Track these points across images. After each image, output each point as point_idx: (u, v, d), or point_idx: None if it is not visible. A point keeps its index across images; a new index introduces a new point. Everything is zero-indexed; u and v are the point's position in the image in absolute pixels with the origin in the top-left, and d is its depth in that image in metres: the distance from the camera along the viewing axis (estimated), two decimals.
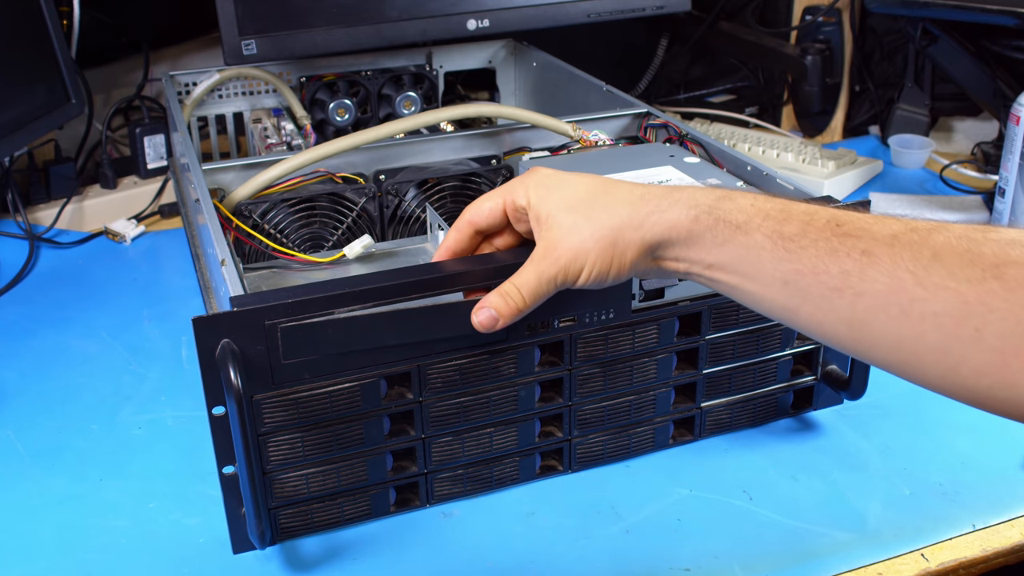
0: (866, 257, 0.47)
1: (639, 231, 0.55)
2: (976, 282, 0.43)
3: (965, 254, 0.44)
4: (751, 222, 0.52)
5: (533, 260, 0.59)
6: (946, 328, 0.44)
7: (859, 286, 0.47)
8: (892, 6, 1.28)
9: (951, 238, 0.46)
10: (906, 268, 0.46)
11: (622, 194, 0.56)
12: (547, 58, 1.24)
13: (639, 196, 0.56)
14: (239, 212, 0.83)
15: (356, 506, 0.69)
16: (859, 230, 0.48)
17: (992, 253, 0.44)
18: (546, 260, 0.58)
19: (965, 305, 0.44)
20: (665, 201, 0.55)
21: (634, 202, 0.55)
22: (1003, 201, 1.09)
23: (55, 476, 0.77)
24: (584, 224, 0.56)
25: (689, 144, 0.94)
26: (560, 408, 0.72)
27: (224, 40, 1.07)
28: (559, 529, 0.70)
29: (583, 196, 0.57)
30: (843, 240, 0.48)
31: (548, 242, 0.58)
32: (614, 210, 0.56)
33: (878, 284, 0.46)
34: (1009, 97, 1.23)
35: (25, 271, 1.10)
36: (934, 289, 0.45)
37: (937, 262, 0.45)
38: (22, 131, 1.08)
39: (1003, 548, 0.67)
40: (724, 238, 0.53)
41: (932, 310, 0.45)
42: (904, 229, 0.47)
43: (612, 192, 0.57)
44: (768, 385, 0.79)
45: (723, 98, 1.57)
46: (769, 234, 0.51)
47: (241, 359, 0.59)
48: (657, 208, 0.55)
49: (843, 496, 0.72)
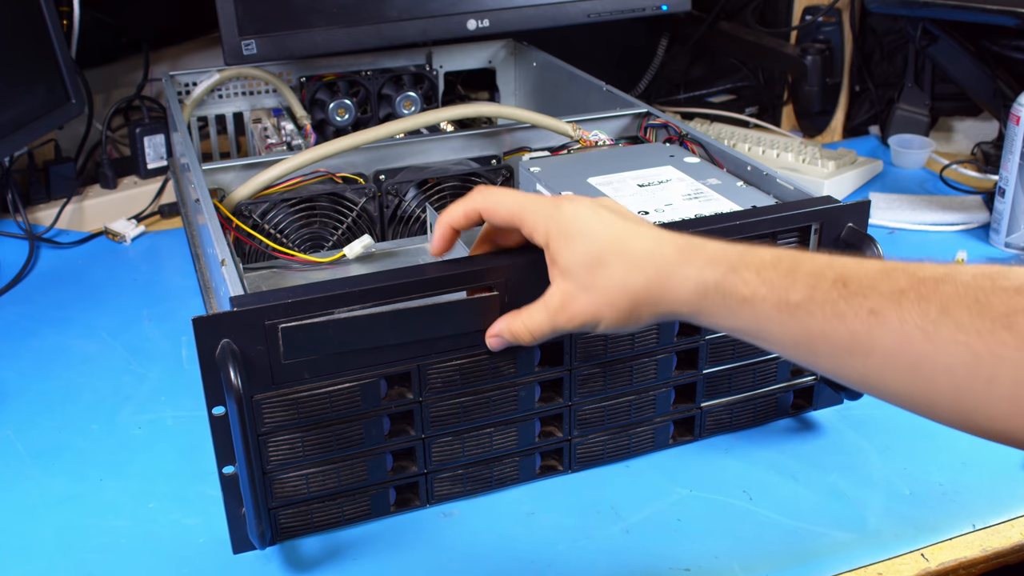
0: (874, 317, 0.47)
1: (652, 305, 0.57)
2: (986, 333, 0.44)
3: (974, 306, 0.44)
4: (756, 294, 0.52)
5: (549, 308, 0.60)
6: (958, 379, 0.45)
7: (868, 345, 0.48)
8: (892, 6, 1.28)
9: (959, 288, 0.45)
10: (914, 324, 0.46)
11: (638, 260, 0.57)
12: (547, 58, 1.24)
13: (655, 268, 0.56)
14: (239, 212, 0.83)
15: (356, 506, 0.69)
16: (866, 288, 0.48)
17: (1001, 303, 0.44)
18: (562, 315, 0.60)
19: (976, 357, 0.44)
20: (677, 276, 0.56)
21: (649, 275, 0.56)
22: (1003, 201, 1.09)
23: (55, 476, 0.77)
24: (600, 289, 0.57)
25: (689, 144, 0.94)
26: (560, 408, 0.72)
27: (224, 40, 1.08)
28: (559, 529, 0.70)
29: (601, 255, 0.57)
30: (850, 301, 0.49)
31: (564, 297, 0.59)
32: (629, 281, 0.57)
33: (887, 342, 0.47)
34: (1009, 97, 1.23)
35: (25, 271, 1.10)
36: (944, 344, 0.45)
37: (945, 316, 0.45)
38: (22, 131, 1.08)
39: (1003, 548, 0.67)
40: (732, 311, 0.54)
41: (943, 364, 0.45)
42: (911, 283, 0.47)
43: (629, 254, 0.57)
44: (768, 385, 0.79)
45: (723, 98, 1.57)
46: (775, 303, 0.52)
47: (241, 359, 0.59)
48: (670, 285, 0.56)
49: (843, 496, 0.72)
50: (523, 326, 0.62)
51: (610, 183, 0.84)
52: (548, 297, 0.60)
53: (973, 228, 1.16)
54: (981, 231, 1.15)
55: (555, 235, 0.59)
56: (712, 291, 0.54)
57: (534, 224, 0.60)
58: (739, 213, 0.75)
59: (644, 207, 0.79)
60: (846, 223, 0.73)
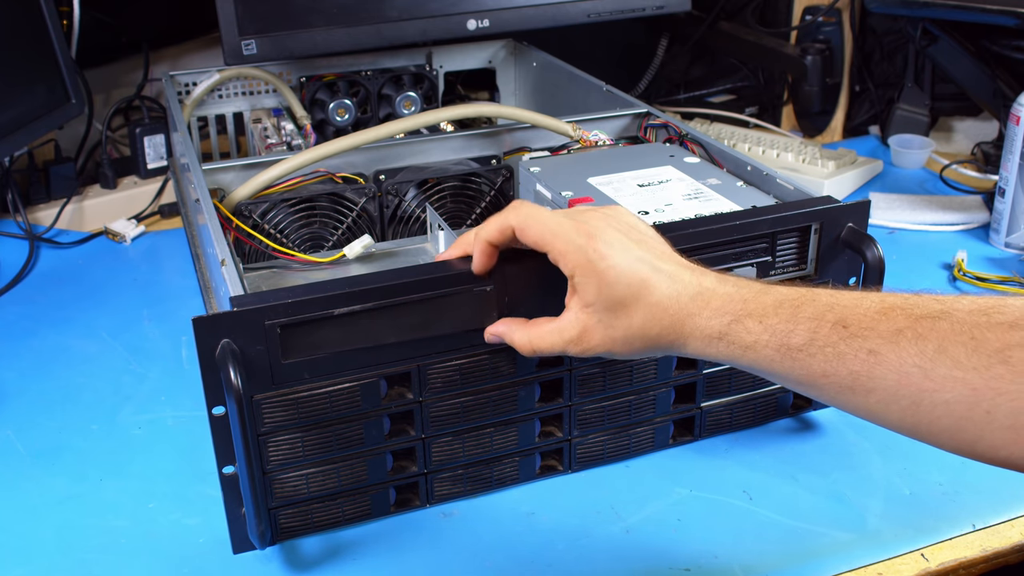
0: (873, 357, 0.49)
1: (663, 349, 0.60)
2: (983, 369, 0.45)
3: (970, 342, 0.46)
4: (759, 341, 0.55)
5: (564, 336, 0.61)
6: (958, 413, 0.47)
7: (868, 384, 0.50)
8: (892, 6, 1.28)
9: (955, 325, 0.47)
10: (913, 363, 0.48)
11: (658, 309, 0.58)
12: (547, 58, 1.24)
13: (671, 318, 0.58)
14: (239, 212, 0.83)
15: (356, 506, 0.69)
16: (865, 329, 0.50)
17: (996, 338, 0.46)
18: (576, 346, 0.61)
19: (974, 392, 0.46)
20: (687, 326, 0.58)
21: (665, 325, 0.58)
22: (1003, 201, 1.09)
23: (55, 476, 0.77)
24: (620, 332, 0.59)
25: (689, 144, 0.94)
26: (560, 408, 0.72)
27: (224, 40, 1.07)
28: (559, 529, 0.70)
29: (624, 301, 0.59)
30: (849, 343, 0.51)
31: (584, 330, 0.60)
32: (647, 328, 0.58)
33: (887, 381, 0.49)
34: (1009, 97, 1.23)
35: (25, 271, 1.10)
36: (942, 381, 0.47)
37: (942, 354, 0.47)
38: (22, 131, 1.08)
39: (1003, 548, 0.67)
40: (737, 356, 0.56)
41: (943, 399, 0.47)
42: (908, 322, 0.49)
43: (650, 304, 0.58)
44: (768, 385, 0.79)
45: (723, 98, 1.57)
46: (777, 348, 0.54)
47: (241, 359, 0.59)
48: (681, 335, 0.58)
49: (843, 496, 0.72)
50: (528, 343, 0.63)
51: (610, 183, 0.84)
52: (565, 325, 0.61)
53: (973, 228, 1.16)
54: (981, 231, 1.15)
55: (582, 271, 0.59)
56: (717, 340, 0.57)
57: (563, 253, 0.60)
58: (739, 213, 0.75)
59: (644, 207, 0.79)
60: (846, 223, 0.73)
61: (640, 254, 0.59)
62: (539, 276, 0.65)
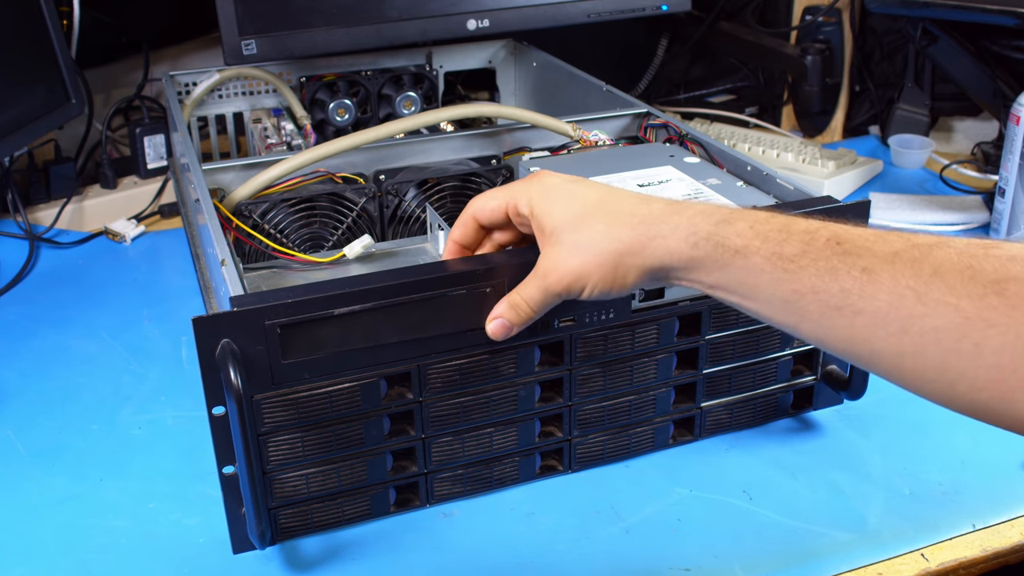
0: (866, 275, 0.47)
1: (639, 257, 0.56)
2: (976, 298, 0.44)
3: (966, 270, 0.45)
4: (750, 246, 0.52)
5: (538, 274, 0.60)
6: (945, 343, 0.45)
7: (859, 304, 0.47)
8: (892, 6, 1.28)
9: (952, 254, 0.46)
10: (907, 285, 0.46)
11: (623, 215, 0.56)
12: (547, 58, 1.24)
13: (640, 219, 0.56)
14: (239, 212, 0.83)
15: (356, 506, 0.69)
16: (860, 248, 0.48)
17: (993, 269, 0.44)
18: (550, 277, 0.59)
19: (965, 321, 0.44)
20: (665, 226, 0.55)
21: (635, 225, 0.56)
22: (1003, 201, 1.09)
23: (55, 476, 0.77)
24: (586, 245, 0.57)
25: (689, 144, 0.94)
26: (560, 408, 0.72)
27: (224, 40, 1.07)
28: (559, 529, 0.70)
29: (585, 213, 0.57)
30: (843, 259, 0.48)
31: (552, 260, 0.59)
32: (615, 234, 0.56)
33: (878, 302, 0.47)
34: (1009, 97, 1.23)
35: (25, 271, 1.10)
36: (934, 305, 0.45)
37: (937, 278, 0.45)
38: (22, 131, 1.08)
39: (1003, 548, 0.67)
40: (723, 262, 0.53)
41: (932, 326, 0.45)
42: (905, 246, 0.47)
43: (614, 211, 0.57)
44: (768, 385, 0.79)
45: (723, 98, 1.57)
46: (768, 256, 0.51)
47: (241, 359, 0.59)
48: (658, 234, 0.55)
49: (843, 496, 0.72)
50: (519, 298, 0.62)
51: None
52: (537, 265, 0.60)
53: (973, 228, 1.16)
54: (981, 231, 1.15)
55: (538, 200, 0.59)
56: (703, 240, 0.54)
57: (516, 198, 0.61)
58: None
59: None
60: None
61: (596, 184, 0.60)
62: None
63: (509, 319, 0.63)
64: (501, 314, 0.63)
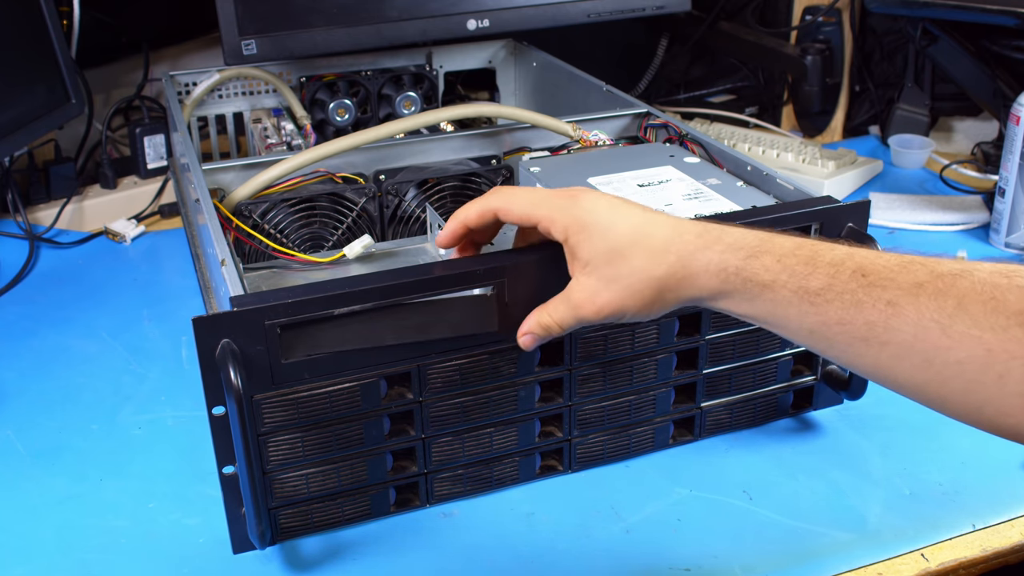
0: (891, 308, 0.48)
1: (674, 292, 0.57)
2: (1000, 330, 0.44)
3: (989, 302, 0.45)
4: (777, 280, 0.53)
5: (572, 303, 0.60)
6: (969, 375, 0.46)
7: (884, 336, 0.49)
8: (892, 6, 1.28)
9: (975, 284, 0.46)
10: (931, 318, 0.47)
11: (658, 252, 0.57)
12: (547, 58, 1.24)
13: (676, 255, 0.57)
14: (239, 212, 0.83)
15: (356, 506, 0.69)
16: (884, 280, 0.49)
17: (1016, 299, 0.45)
18: (585, 308, 0.59)
19: (989, 353, 0.45)
20: (698, 263, 0.56)
21: (671, 263, 0.57)
22: (1003, 201, 1.09)
23: (55, 476, 0.77)
24: (624, 281, 0.58)
25: (689, 144, 0.94)
26: (560, 408, 0.72)
27: (224, 40, 1.07)
28: (559, 529, 0.70)
29: (622, 249, 0.57)
30: (868, 291, 0.49)
31: (587, 290, 0.59)
32: (651, 272, 0.57)
33: (903, 334, 0.48)
34: (1009, 97, 1.23)
35: (25, 271, 1.10)
36: (959, 338, 0.46)
37: (961, 311, 0.46)
38: (22, 131, 1.08)
39: (1003, 548, 0.67)
40: (752, 295, 0.54)
41: (956, 358, 0.46)
42: (929, 277, 0.48)
43: (648, 248, 0.57)
44: (768, 385, 0.79)
45: (723, 98, 1.57)
46: (795, 290, 0.52)
47: (241, 359, 0.59)
48: (691, 272, 0.56)
49: (843, 496, 0.72)
50: (550, 319, 0.62)
51: (610, 183, 0.84)
52: (570, 292, 0.60)
53: (973, 228, 1.16)
54: (981, 231, 1.15)
55: (574, 230, 0.59)
56: (733, 276, 0.55)
57: (551, 220, 0.60)
58: (739, 213, 0.75)
59: None
60: (846, 223, 0.73)
61: (631, 209, 0.59)
62: (539, 277, 0.65)
63: (540, 335, 0.63)
64: (532, 329, 0.63)
